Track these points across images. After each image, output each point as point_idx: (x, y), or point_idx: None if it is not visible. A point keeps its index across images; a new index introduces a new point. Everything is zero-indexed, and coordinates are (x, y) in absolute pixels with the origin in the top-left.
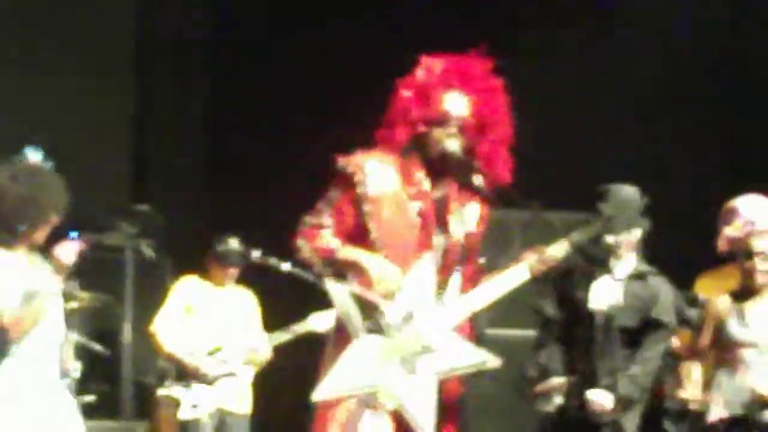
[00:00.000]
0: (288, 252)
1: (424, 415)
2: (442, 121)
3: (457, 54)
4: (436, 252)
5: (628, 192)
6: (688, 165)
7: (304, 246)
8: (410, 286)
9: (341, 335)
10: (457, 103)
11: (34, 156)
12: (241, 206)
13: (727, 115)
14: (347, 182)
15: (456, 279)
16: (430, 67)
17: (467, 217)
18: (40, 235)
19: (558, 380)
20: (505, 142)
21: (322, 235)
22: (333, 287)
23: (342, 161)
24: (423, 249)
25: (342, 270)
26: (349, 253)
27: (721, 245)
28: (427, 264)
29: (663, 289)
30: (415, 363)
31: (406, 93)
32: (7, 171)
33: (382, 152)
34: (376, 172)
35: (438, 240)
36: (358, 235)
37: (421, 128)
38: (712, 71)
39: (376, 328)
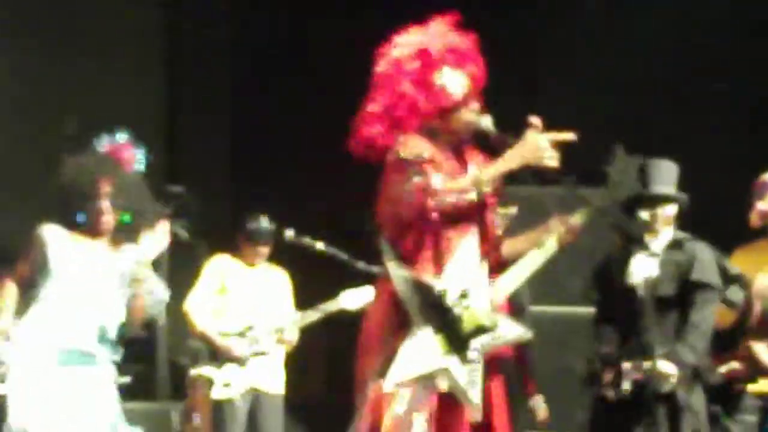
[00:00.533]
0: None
1: (474, 392)
2: (462, 103)
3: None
4: (477, 228)
5: (660, 168)
6: (721, 138)
7: (440, 200)
8: (459, 265)
9: (398, 319)
10: (458, 81)
11: (116, 140)
12: (274, 188)
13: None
14: (419, 168)
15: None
16: (422, 53)
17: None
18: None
19: (626, 365)
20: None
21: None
22: (395, 271)
23: (406, 149)
24: (470, 227)
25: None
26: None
27: (754, 220)
28: (471, 241)
29: (701, 251)
30: (469, 343)
31: (406, 87)
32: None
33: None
34: (433, 157)
35: (476, 215)
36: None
37: (435, 117)
38: (742, 42)
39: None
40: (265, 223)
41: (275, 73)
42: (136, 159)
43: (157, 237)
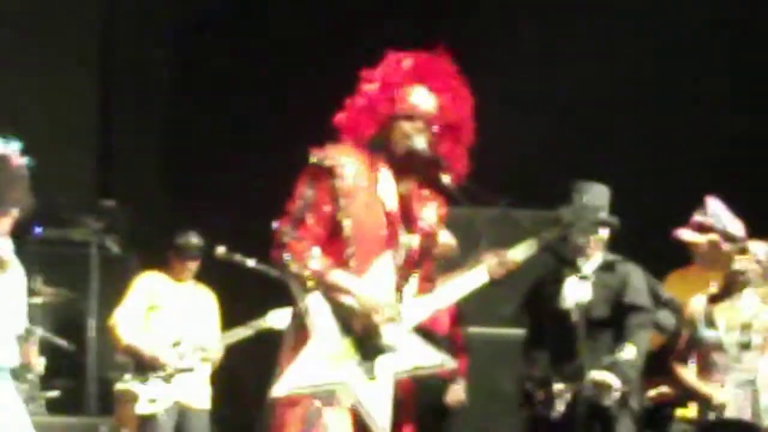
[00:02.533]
0: (251, 248)
1: (381, 414)
2: (409, 115)
3: (423, 51)
4: (400, 251)
5: (593, 193)
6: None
7: (291, 263)
8: (370, 285)
9: (302, 333)
10: (424, 99)
11: (6, 147)
12: (206, 204)
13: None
14: (323, 176)
15: (414, 279)
16: (397, 62)
17: (427, 216)
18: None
19: (559, 386)
20: (466, 144)
21: (311, 254)
22: (298, 283)
23: (318, 154)
24: (389, 247)
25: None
26: (340, 278)
27: (677, 237)
28: (387, 263)
29: (633, 273)
30: (374, 362)
31: (370, 86)
32: None
33: (351, 146)
34: (350, 166)
35: (403, 239)
36: (332, 231)
37: (387, 122)
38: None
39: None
40: (194, 238)
41: (210, 86)
42: (24, 168)
43: None
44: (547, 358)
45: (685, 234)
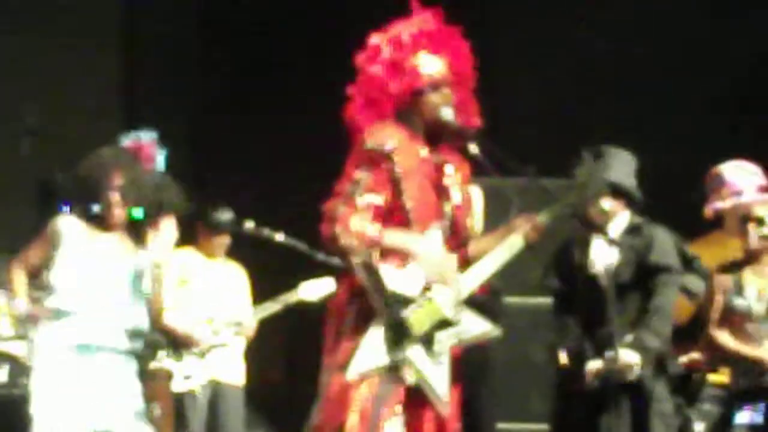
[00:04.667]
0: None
1: (442, 387)
2: (430, 86)
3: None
4: (444, 222)
5: (613, 158)
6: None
7: (342, 234)
8: (423, 259)
9: (363, 313)
10: (434, 64)
11: (140, 138)
12: (234, 179)
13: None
14: (380, 161)
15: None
16: (396, 38)
17: (454, 183)
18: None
19: (595, 364)
20: (473, 92)
21: (362, 222)
22: (357, 262)
23: (373, 139)
24: (437, 221)
25: (387, 256)
26: (395, 238)
27: (708, 213)
28: (436, 236)
29: (659, 234)
30: (434, 336)
31: (376, 69)
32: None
33: (392, 124)
34: (404, 148)
35: (446, 209)
36: (385, 217)
37: (408, 98)
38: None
39: (396, 315)
40: (223, 213)
41: (238, 60)
42: (156, 158)
43: (165, 235)
44: (578, 324)
45: (717, 204)
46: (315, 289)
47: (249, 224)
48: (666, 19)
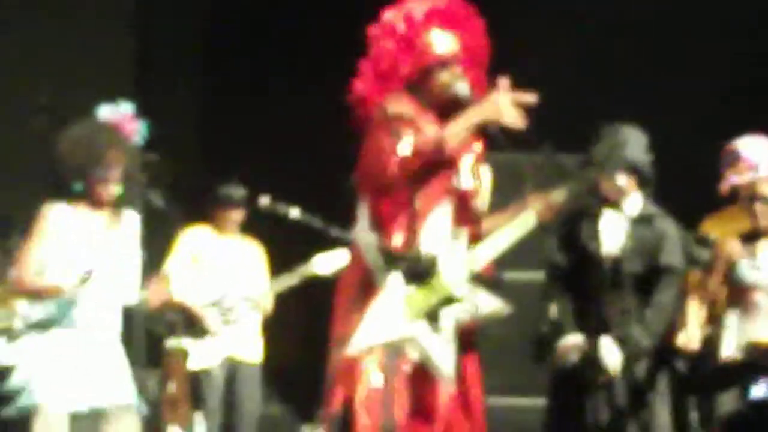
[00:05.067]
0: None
1: (447, 364)
2: (443, 62)
3: None
4: (452, 198)
5: (626, 134)
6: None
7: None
8: (431, 233)
9: (368, 289)
10: (448, 42)
11: (119, 111)
12: (248, 155)
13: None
14: (402, 128)
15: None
16: (409, 14)
17: (466, 160)
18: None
19: (574, 338)
20: (486, 70)
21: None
22: (362, 236)
23: (392, 107)
24: (445, 195)
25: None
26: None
27: (724, 189)
28: (445, 210)
29: (670, 231)
30: (439, 313)
31: (388, 44)
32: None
33: (403, 97)
34: (417, 116)
35: (456, 184)
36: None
37: (420, 74)
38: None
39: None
40: (236, 187)
41: (249, 36)
42: (137, 132)
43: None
44: (569, 301)
45: (733, 179)
46: (328, 263)
47: (264, 199)
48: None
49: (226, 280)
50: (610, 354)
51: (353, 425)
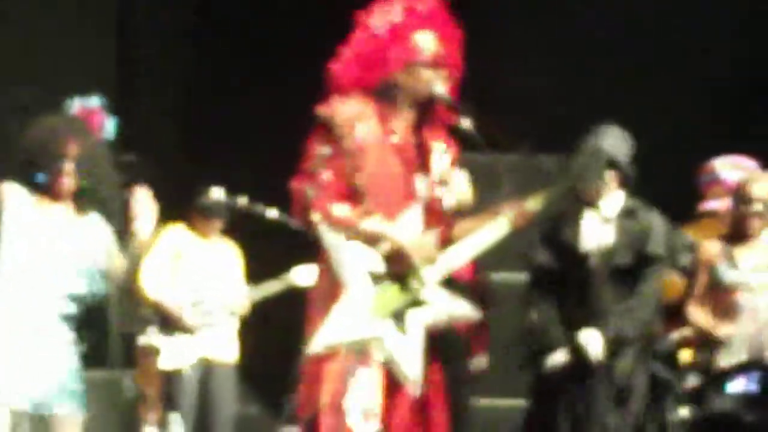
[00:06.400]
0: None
1: (413, 367)
2: (431, 62)
3: None
4: (420, 201)
5: (607, 136)
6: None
7: (320, 220)
8: (403, 229)
9: (334, 288)
10: (436, 45)
11: (88, 104)
12: (226, 156)
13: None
14: (331, 134)
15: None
16: (409, 6)
17: (439, 163)
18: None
19: (561, 356)
20: (458, 83)
21: (336, 207)
22: (330, 237)
23: (325, 111)
24: (407, 199)
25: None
26: (372, 224)
27: (703, 210)
28: (413, 215)
29: (655, 221)
30: (405, 315)
31: (380, 31)
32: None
33: (358, 96)
34: (360, 121)
35: (421, 188)
36: (350, 188)
37: (402, 69)
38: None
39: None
40: (218, 196)
41: (231, 38)
42: (105, 126)
43: (145, 212)
44: (552, 303)
45: (712, 204)
46: (308, 273)
47: (242, 199)
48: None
49: (205, 282)
50: (593, 342)
51: (317, 427)
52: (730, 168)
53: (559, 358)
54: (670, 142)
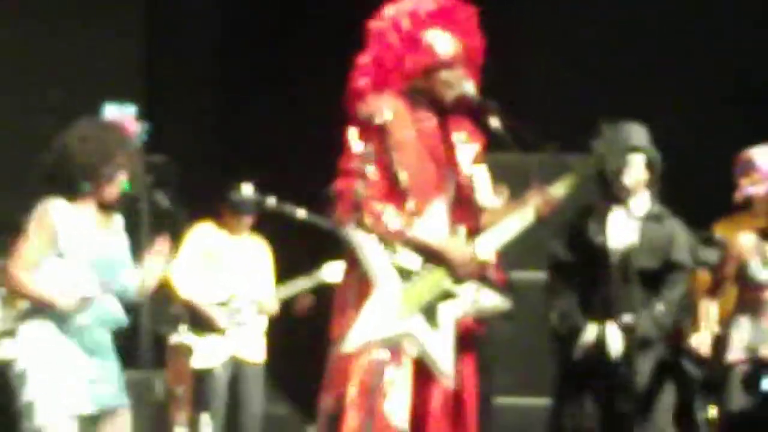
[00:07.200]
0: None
1: (446, 361)
2: (445, 65)
3: None
4: (448, 194)
5: (627, 128)
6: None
7: (370, 224)
8: (427, 229)
9: (364, 286)
10: (448, 42)
11: (121, 112)
12: (256, 156)
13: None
14: (374, 131)
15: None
16: (414, 12)
17: (464, 159)
18: (108, 194)
19: (591, 333)
20: (480, 72)
21: (388, 213)
22: (358, 235)
23: (366, 110)
24: (440, 193)
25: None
26: (422, 235)
27: (739, 198)
28: (440, 207)
29: (678, 230)
30: (436, 309)
31: (393, 40)
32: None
33: (393, 96)
34: (399, 118)
35: (451, 182)
36: (391, 184)
37: (423, 73)
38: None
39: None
40: (248, 192)
41: (262, 35)
42: (139, 133)
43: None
44: (574, 295)
45: (749, 189)
46: (338, 271)
47: (271, 200)
48: None
49: (235, 280)
50: (614, 340)
51: (342, 423)
52: (765, 154)
53: (589, 336)
54: (702, 139)
